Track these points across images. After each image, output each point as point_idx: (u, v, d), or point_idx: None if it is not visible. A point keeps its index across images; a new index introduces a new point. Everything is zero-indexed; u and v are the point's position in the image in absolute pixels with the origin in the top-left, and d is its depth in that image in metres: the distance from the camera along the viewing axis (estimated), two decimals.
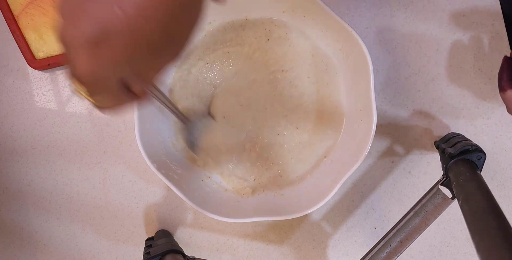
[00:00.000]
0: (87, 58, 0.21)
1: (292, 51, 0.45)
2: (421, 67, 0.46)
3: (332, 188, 0.39)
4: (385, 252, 0.40)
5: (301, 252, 0.50)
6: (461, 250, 0.49)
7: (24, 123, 0.49)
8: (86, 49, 0.21)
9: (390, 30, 0.46)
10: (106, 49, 0.21)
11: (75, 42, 0.21)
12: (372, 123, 0.38)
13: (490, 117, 0.46)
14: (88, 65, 0.22)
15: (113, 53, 0.21)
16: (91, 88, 0.24)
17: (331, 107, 0.45)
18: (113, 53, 0.21)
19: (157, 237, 0.48)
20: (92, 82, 0.23)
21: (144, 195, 0.50)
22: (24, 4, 0.45)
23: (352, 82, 0.43)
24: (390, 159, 0.48)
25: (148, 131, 0.42)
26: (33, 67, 0.47)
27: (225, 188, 0.46)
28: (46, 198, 0.50)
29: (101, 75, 0.22)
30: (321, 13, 0.39)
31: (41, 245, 0.51)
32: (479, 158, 0.40)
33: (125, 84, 0.24)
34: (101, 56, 0.21)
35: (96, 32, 0.20)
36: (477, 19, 0.45)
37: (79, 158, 0.50)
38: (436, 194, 0.41)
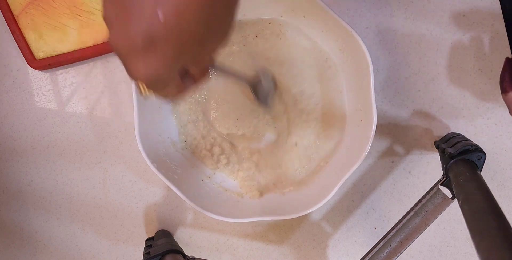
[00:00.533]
0: (141, 64, 0.23)
1: (292, 51, 0.45)
2: (421, 67, 0.46)
3: (332, 188, 0.39)
4: (385, 252, 0.40)
5: (301, 252, 0.50)
6: (461, 250, 0.49)
7: (24, 123, 0.49)
8: (138, 57, 0.22)
9: (390, 30, 0.46)
10: (156, 53, 0.22)
11: (125, 51, 0.23)
12: (372, 123, 0.38)
13: (490, 117, 0.46)
14: (144, 70, 0.23)
15: (164, 55, 0.23)
16: (154, 87, 0.25)
17: (332, 108, 0.45)
18: (163, 56, 0.23)
19: (157, 237, 0.48)
20: (152, 83, 0.24)
21: (144, 195, 0.50)
22: (24, 4, 0.45)
23: (352, 82, 0.43)
24: (390, 159, 0.48)
25: (148, 131, 0.42)
26: (33, 67, 0.47)
27: (225, 188, 0.46)
28: (46, 198, 0.50)
29: (158, 76, 0.24)
30: (321, 13, 0.39)
31: (41, 245, 0.51)
32: (479, 158, 0.40)
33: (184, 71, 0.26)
34: (153, 60, 0.23)
35: (143, 40, 0.22)
36: (477, 19, 0.45)
37: (79, 158, 0.50)
38: (436, 194, 0.41)
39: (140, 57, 0.22)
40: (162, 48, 0.22)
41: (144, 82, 0.25)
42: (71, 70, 0.48)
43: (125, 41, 0.22)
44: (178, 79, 0.26)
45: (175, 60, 0.23)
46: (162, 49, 0.22)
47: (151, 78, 0.24)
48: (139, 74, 0.24)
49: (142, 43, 0.22)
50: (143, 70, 0.23)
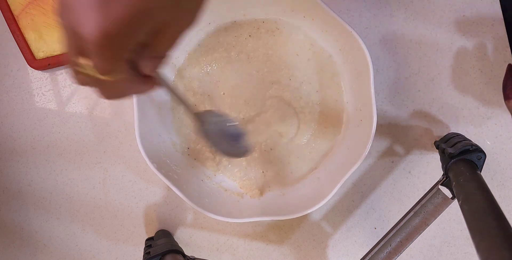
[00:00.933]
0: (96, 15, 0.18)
1: (292, 51, 0.45)
2: (421, 67, 0.46)
3: (332, 188, 0.39)
4: (385, 252, 0.40)
5: (301, 252, 0.50)
6: (461, 250, 0.49)
7: (24, 123, 0.49)
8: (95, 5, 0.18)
9: (390, 30, 0.46)
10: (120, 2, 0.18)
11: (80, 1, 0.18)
12: (372, 123, 0.38)
13: (490, 117, 0.46)
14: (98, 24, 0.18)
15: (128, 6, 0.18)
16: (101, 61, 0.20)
17: (332, 108, 0.45)
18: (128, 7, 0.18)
19: (157, 237, 0.48)
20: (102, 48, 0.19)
21: (144, 195, 0.50)
22: (24, 4, 0.45)
23: (352, 82, 0.43)
24: (390, 159, 0.48)
25: (148, 131, 0.42)
26: (33, 67, 0.47)
27: (225, 188, 0.46)
28: (46, 198, 0.50)
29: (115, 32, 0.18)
30: (321, 13, 0.39)
31: (41, 245, 0.51)
32: (479, 158, 0.40)
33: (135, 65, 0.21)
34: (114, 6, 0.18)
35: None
36: (477, 20, 0.45)
37: (79, 158, 0.50)
38: (436, 194, 0.41)
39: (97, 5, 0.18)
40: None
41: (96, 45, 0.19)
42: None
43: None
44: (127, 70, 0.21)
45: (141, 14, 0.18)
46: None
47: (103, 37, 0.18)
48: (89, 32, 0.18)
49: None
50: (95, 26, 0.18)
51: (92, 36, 0.18)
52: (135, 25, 0.19)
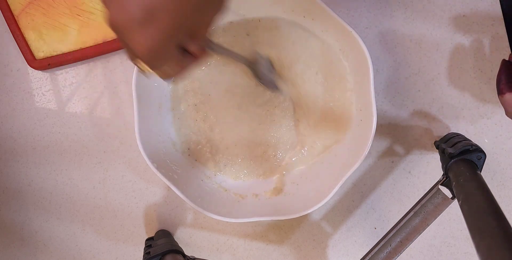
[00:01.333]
0: (141, 37, 0.23)
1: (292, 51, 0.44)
2: (421, 67, 0.46)
3: (332, 188, 0.39)
4: (385, 252, 0.40)
5: (301, 252, 0.50)
6: (461, 250, 0.49)
7: (24, 123, 0.49)
8: (138, 30, 0.23)
9: (390, 30, 0.46)
10: (156, 24, 0.23)
11: (126, 26, 0.23)
12: (372, 124, 0.38)
13: (490, 117, 0.46)
14: (144, 43, 0.23)
15: (163, 25, 0.23)
16: (154, 63, 0.26)
17: (332, 107, 0.45)
18: (163, 26, 0.23)
19: (157, 237, 0.48)
20: (153, 57, 0.25)
21: (144, 195, 0.50)
22: (24, 4, 0.45)
23: (352, 82, 0.43)
24: (390, 159, 0.48)
25: (148, 131, 0.42)
26: (33, 67, 0.47)
27: (225, 188, 0.46)
28: (46, 198, 0.50)
29: (159, 48, 0.24)
30: (321, 13, 0.39)
31: (41, 245, 0.51)
32: (479, 158, 0.40)
33: (182, 48, 0.27)
34: (153, 32, 0.23)
35: (142, 12, 0.22)
36: (477, 19, 0.45)
37: (79, 158, 0.50)
38: (436, 194, 0.41)
39: (140, 30, 0.23)
40: (161, 18, 0.23)
41: (144, 57, 0.25)
42: (71, 70, 0.48)
43: (124, 16, 0.23)
44: (178, 56, 0.27)
45: (174, 30, 0.24)
46: (161, 19, 0.23)
47: (152, 51, 0.24)
48: (139, 49, 0.24)
49: (141, 15, 0.22)
50: (143, 43, 0.24)
51: (139, 53, 0.24)
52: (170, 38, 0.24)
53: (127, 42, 0.24)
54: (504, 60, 0.38)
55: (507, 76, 0.37)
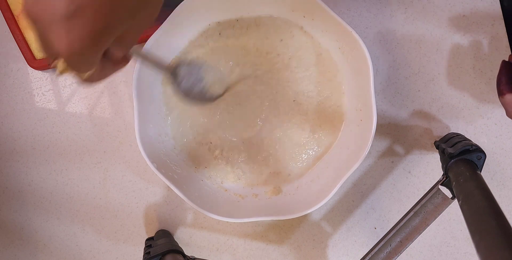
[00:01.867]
0: (64, 32, 0.20)
1: (292, 50, 0.45)
2: (421, 67, 0.46)
3: (332, 188, 0.39)
4: (385, 252, 0.40)
5: (301, 252, 0.50)
6: (461, 250, 0.49)
7: (24, 124, 0.49)
8: (61, 23, 0.20)
9: (390, 30, 0.46)
10: (83, 19, 0.20)
11: (48, 18, 0.20)
12: (372, 123, 0.38)
13: (490, 117, 0.46)
14: (67, 39, 0.20)
15: (91, 22, 0.20)
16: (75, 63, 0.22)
17: (331, 107, 0.45)
18: (91, 23, 0.20)
19: (157, 237, 0.48)
20: (75, 57, 0.22)
21: (144, 195, 0.50)
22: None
23: (352, 82, 0.43)
24: (390, 159, 0.48)
25: (148, 131, 0.42)
26: (33, 67, 0.47)
27: (225, 188, 0.46)
28: (46, 198, 0.50)
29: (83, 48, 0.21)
30: (321, 13, 0.39)
31: (41, 245, 0.51)
32: (479, 158, 0.40)
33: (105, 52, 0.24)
34: (79, 28, 0.20)
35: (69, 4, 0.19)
36: (477, 19, 0.45)
37: (79, 158, 0.50)
38: (436, 194, 0.41)
39: (63, 25, 0.20)
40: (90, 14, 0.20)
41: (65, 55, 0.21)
42: None
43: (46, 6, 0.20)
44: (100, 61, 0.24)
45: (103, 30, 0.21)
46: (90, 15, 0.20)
47: (75, 52, 0.21)
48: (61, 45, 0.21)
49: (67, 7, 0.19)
50: (65, 41, 0.20)
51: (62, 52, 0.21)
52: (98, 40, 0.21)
53: (46, 37, 0.21)
54: (504, 61, 0.38)
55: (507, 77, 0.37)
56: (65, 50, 0.21)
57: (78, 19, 0.20)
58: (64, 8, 0.19)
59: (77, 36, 0.20)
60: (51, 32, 0.20)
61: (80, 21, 0.20)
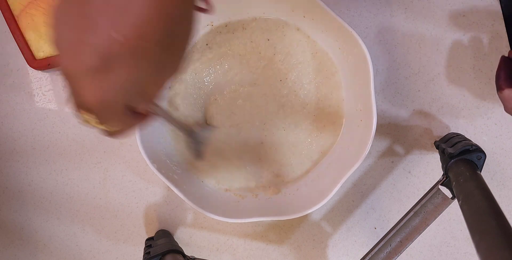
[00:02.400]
0: (93, 87, 0.21)
1: (292, 51, 0.45)
2: (421, 67, 0.46)
3: (332, 188, 0.39)
4: (385, 252, 0.40)
5: (301, 252, 0.50)
6: (461, 250, 0.49)
7: (24, 124, 0.49)
8: (90, 79, 0.21)
9: (390, 30, 0.46)
10: (110, 75, 0.21)
11: (78, 74, 0.21)
12: (372, 123, 0.38)
13: (490, 117, 0.46)
14: (95, 93, 0.22)
15: (118, 77, 0.21)
16: (100, 116, 0.24)
17: (331, 107, 0.45)
18: (118, 77, 0.21)
19: (157, 237, 0.48)
20: (102, 110, 0.23)
21: (144, 195, 0.50)
22: (24, 4, 0.45)
23: (352, 82, 0.43)
24: (390, 159, 0.48)
25: (148, 131, 0.42)
26: (33, 67, 0.47)
27: (225, 188, 0.46)
28: (46, 198, 0.50)
29: (109, 101, 0.22)
30: (321, 13, 0.39)
31: (41, 245, 0.51)
32: (479, 158, 0.40)
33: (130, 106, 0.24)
34: (106, 83, 0.21)
35: (98, 61, 0.20)
36: (477, 19, 0.45)
37: (79, 158, 0.50)
38: (436, 194, 0.41)
39: (92, 79, 0.21)
40: (118, 70, 0.21)
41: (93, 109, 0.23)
42: None
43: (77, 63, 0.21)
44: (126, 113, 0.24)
45: (129, 86, 0.22)
46: (117, 72, 0.21)
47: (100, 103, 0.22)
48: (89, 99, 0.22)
49: (96, 63, 0.20)
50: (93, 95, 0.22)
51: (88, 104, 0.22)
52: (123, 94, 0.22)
53: (76, 90, 0.22)
54: (503, 56, 0.38)
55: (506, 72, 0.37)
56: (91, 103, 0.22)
57: (106, 75, 0.21)
58: (93, 63, 0.20)
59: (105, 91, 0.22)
60: (80, 85, 0.22)
61: (108, 77, 0.21)
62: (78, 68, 0.21)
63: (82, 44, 0.20)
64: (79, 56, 0.21)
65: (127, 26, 0.20)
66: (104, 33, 0.20)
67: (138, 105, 0.25)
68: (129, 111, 0.25)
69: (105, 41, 0.20)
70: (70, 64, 0.21)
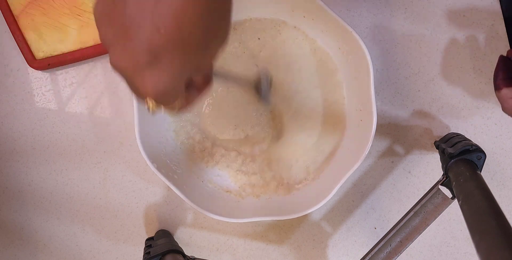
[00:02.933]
0: (149, 80, 0.23)
1: (292, 50, 0.45)
2: (421, 67, 0.46)
3: (332, 188, 0.39)
4: (385, 252, 0.40)
5: (301, 252, 0.50)
6: (461, 250, 0.49)
7: (24, 124, 0.49)
8: (144, 73, 0.22)
9: (390, 30, 0.46)
10: (162, 66, 0.22)
11: (131, 70, 0.23)
12: (372, 124, 0.38)
13: (490, 117, 0.46)
14: (153, 85, 0.23)
15: (170, 66, 0.23)
16: (165, 102, 0.25)
17: (332, 108, 0.45)
18: (169, 67, 0.23)
19: (157, 237, 0.48)
20: (163, 97, 0.24)
21: (144, 195, 0.50)
22: (24, 4, 0.45)
23: (352, 82, 0.43)
24: (390, 159, 0.48)
25: (148, 131, 0.42)
26: (33, 67, 0.47)
27: (225, 188, 0.46)
28: (46, 198, 0.50)
29: (168, 88, 0.24)
30: (321, 13, 0.39)
31: (41, 245, 0.51)
32: (479, 158, 0.40)
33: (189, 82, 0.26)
34: (160, 73, 0.23)
35: (148, 56, 0.22)
36: (477, 19, 0.45)
37: (79, 158, 0.50)
38: (436, 194, 0.41)
39: (146, 73, 0.23)
40: (167, 60, 0.22)
41: (153, 98, 0.24)
42: (71, 70, 0.48)
43: (128, 60, 0.22)
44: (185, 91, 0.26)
45: (181, 70, 0.23)
46: (167, 61, 0.22)
47: (161, 93, 0.24)
48: (148, 91, 0.23)
49: (146, 58, 0.22)
50: (151, 86, 0.23)
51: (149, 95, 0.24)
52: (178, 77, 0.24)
53: (134, 85, 0.24)
54: (502, 56, 0.38)
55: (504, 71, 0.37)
56: (151, 93, 0.24)
57: (157, 66, 0.22)
58: (143, 59, 0.22)
59: (160, 81, 0.23)
60: (136, 80, 0.23)
61: (160, 67, 0.22)
62: (131, 66, 0.22)
63: (129, 41, 0.22)
64: (130, 56, 0.22)
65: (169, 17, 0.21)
66: (149, 28, 0.21)
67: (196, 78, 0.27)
68: (189, 86, 0.27)
69: (151, 36, 0.21)
70: (122, 63, 0.23)
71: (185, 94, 0.27)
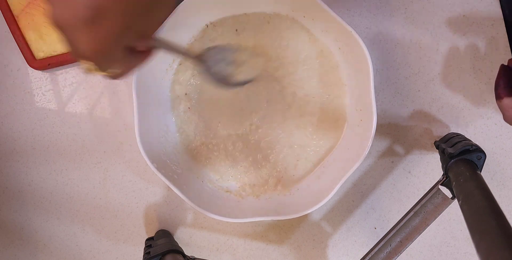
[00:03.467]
0: (87, 37, 0.22)
1: (292, 50, 0.45)
2: (421, 67, 0.46)
3: (332, 188, 0.39)
4: (385, 252, 0.40)
5: (301, 252, 0.50)
6: (461, 250, 0.49)
7: (24, 124, 0.49)
8: (84, 29, 0.22)
9: (390, 30, 0.46)
10: (103, 23, 0.22)
11: (70, 25, 0.22)
12: (372, 123, 0.38)
13: (490, 117, 0.46)
14: (90, 43, 0.22)
15: (112, 26, 0.22)
16: (102, 64, 0.24)
17: (332, 107, 0.45)
18: (111, 25, 0.22)
19: (157, 237, 0.48)
20: (100, 58, 0.24)
21: (144, 195, 0.50)
22: (24, 4, 0.45)
23: (352, 82, 0.43)
24: (390, 159, 0.48)
25: (148, 131, 0.42)
26: (33, 67, 0.47)
27: (225, 188, 0.46)
28: (46, 198, 0.50)
29: (107, 49, 0.23)
30: (321, 13, 0.39)
31: (41, 245, 0.51)
32: (479, 158, 0.40)
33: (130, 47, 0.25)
34: (101, 32, 0.22)
35: (89, 11, 0.21)
36: (477, 20, 0.45)
37: (79, 158, 0.50)
38: (436, 194, 0.41)
39: (86, 30, 0.22)
40: (109, 18, 0.21)
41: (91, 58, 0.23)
42: (71, 70, 0.48)
43: (68, 14, 0.21)
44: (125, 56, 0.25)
45: (123, 31, 0.23)
46: (109, 20, 0.22)
47: (99, 52, 0.23)
48: (85, 49, 0.23)
49: (88, 13, 0.21)
50: (90, 44, 0.22)
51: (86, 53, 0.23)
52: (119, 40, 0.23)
53: (71, 41, 0.23)
54: (503, 65, 0.38)
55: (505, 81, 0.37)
56: (90, 52, 0.23)
57: (99, 24, 0.22)
58: (84, 14, 0.21)
59: (100, 40, 0.22)
60: (76, 37, 0.22)
61: (101, 25, 0.22)
62: (71, 21, 0.22)
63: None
64: (71, 10, 0.21)
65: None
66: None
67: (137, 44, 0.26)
68: (129, 52, 0.26)
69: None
70: (63, 18, 0.22)
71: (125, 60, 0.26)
